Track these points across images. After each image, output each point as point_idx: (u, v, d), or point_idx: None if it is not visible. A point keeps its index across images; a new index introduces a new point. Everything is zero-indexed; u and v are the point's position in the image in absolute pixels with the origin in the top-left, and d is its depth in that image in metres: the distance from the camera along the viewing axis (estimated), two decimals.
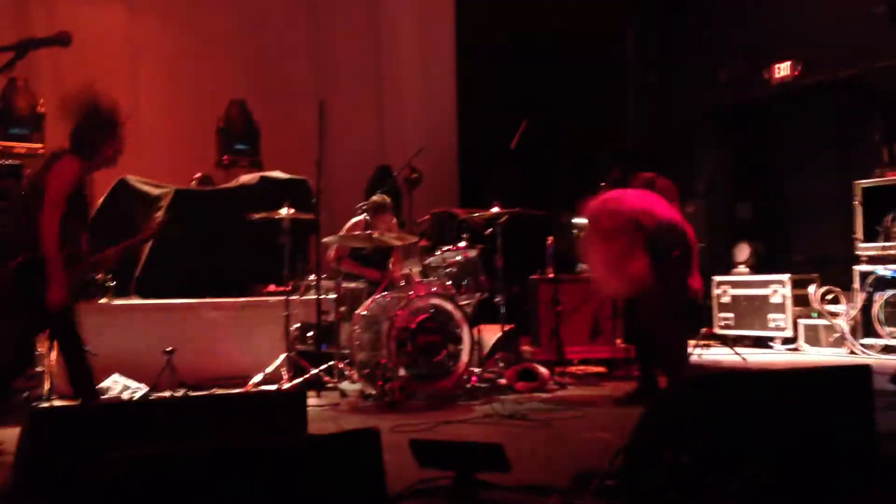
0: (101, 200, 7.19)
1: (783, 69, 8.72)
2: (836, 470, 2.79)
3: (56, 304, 3.92)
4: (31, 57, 3.11)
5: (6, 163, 5.54)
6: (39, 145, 7.25)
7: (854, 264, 7.53)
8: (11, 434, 3.81)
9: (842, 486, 2.77)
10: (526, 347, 6.96)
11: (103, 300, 6.09)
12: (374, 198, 6.55)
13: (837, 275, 7.87)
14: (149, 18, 9.00)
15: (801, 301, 8.04)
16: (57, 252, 3.92)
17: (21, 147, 7.12)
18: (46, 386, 5.45)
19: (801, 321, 7.99)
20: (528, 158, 7.16)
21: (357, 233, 6.14)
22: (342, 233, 6.34)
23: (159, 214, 6.96)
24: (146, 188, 7.27)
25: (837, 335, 7.60)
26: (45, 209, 3.90)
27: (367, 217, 6.42)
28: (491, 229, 6.31)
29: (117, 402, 4.86)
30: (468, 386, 5.59)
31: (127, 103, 8.57)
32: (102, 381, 5.42)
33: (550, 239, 7.09)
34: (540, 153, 8.32)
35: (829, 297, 7.80)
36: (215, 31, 9.26)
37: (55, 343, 5.11)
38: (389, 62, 10.40)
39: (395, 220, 6.65)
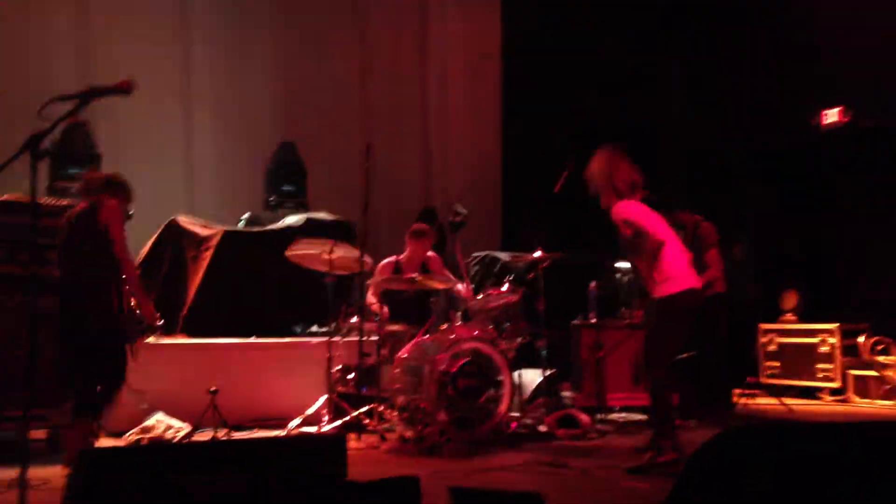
0: (151, 240, 7.37)
1: (832, 115, 8.66)
2: None
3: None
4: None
5: (58, 203, 5.68)
6: None
7: None
8: (58, 472, 3.90)
9: None
10: (567, 393, 6.91)
11: (150, 339, 6.20)
12: (414, 226, 6.77)
13: (888, 325, 7.70)
14: (202, 62, 9.25)
15: (850, 351, 7.88)
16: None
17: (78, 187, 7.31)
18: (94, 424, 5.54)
19: (850, 372, 7.82)
20: (572, 203, 7.18)
21: (399, 276, 6.19)
22: (375, 276, 6.41)
23: (208, 254, 7.12)
24: (195, 229, 7.43)
25: (888, 387, 7.43)
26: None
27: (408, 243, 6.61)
28: (533, 273, 6.32)
29: (164, 444, 4.94)
30: (508, 431, 5.57)
31: (180, 144, 8.95)
32: (146, 419, 5.52)
33: (593, 284, 7.08)
34: (583, 198, 8.34)
35: (880, 347, 7.63)
36: (266, 76, 9.50)
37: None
38: (436, 106, 10.54)
39: (431, 253, 6.73)
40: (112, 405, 4.82)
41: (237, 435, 5.57)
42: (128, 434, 5.44)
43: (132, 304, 4.77)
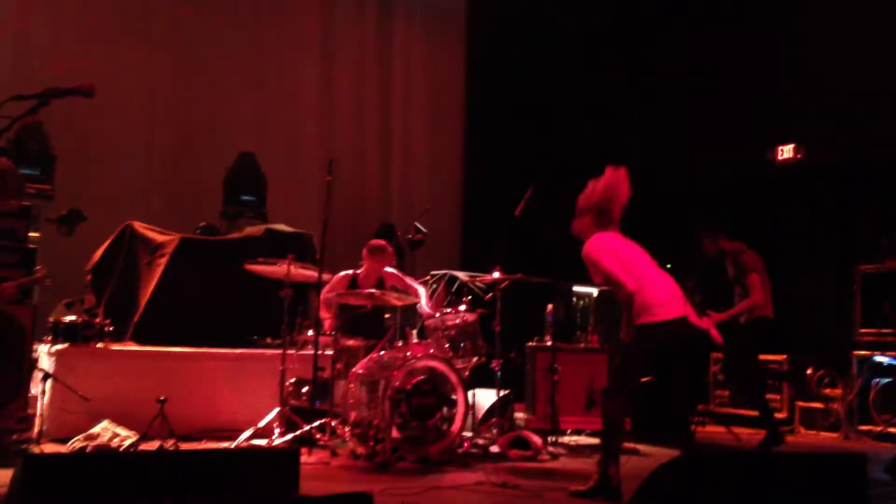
0: (106, 244, 7.24)
1: (786, 151, 8.84)
2: None
3: None
4: None
5: (17, 203, 5.57)
6: (49, 187, 7.31)
7: (852, 349, 7.53)
8: (2, 476, 3.79)
9: None
10: (520, 414, 6.92)
11: (99, 344, 6.09)
12: (372, 241, 6.71)
13: (835, 358, 7.85)
14: (165, 67, 9.16)
15: (798, 382, 8.01)
16: None
17: (31, 188, 7.17)
18: (37, 429, 5.41)
19: (797, 403, 7.96)
20: (532, 225, 7.24)
21: (357, 291, 6.16)
22: (327, 288, 6.35)
23: (163, 261, 7.01)
24: (151, 234, 7.31)
25: (833, 419, 7.57)
26: None
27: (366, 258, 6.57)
28: (491, 294, 6.34)
29: (110, 453, 4.83)
30: (460, 451, 5.55)
31: (139, 150, 8.83)
32: (93, 426, 5.39)
33: (550, 306, 7.11)
34: (543, 221, 8.42)
35: (826, 380, 7.78)
36: (229, 84, 9.43)
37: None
38: (398, 123, 10.57)
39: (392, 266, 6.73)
40: None
41: (185, 446, 5.47)
42: (72, 441, 5.30)
43: None
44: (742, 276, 6.72)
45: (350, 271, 6.67)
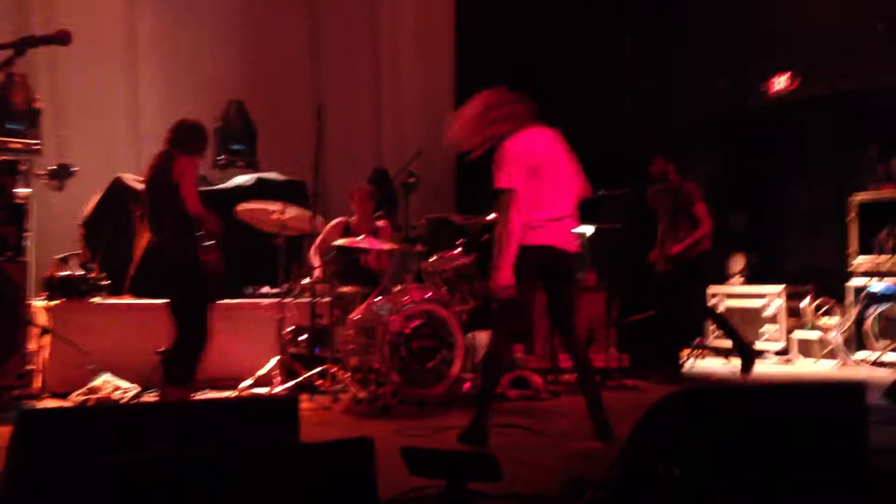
0: (97, 198, 7.18)
1: (780, 82, 8.74)
2: (828, 485, 2.79)
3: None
4: (30, 52, 3.09)
5: (2, 159, 5.50)
6: (35, 141, 7.21)
7: (848, 278, 7.55)
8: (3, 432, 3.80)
9: (832, 502, 2.77)
10: (519, 355, 6.94)
11: (96, 299, 6.07)
12: (355, 186, 6.73)
13: (832, 288, 7.88)
14: (148, 15, 8.97)
15: (794, 313, 8.06)
16: None
17: (17, 143, 7.06)
18: (37, 384, 5.43)
19: (795, 333, 8.01)
20: None
21: (349, 239, 6.13)
22: (322, 235, 6.37)
23: None
24: (142, 186, 7.23)
25: (830, 348, 7.62)
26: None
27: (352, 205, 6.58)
28: (487, 235, 6.30)
29: (109, 405, 4.85)
30: (461, 393, 5.59)
31: (125, 100, 8.69)
32: (93, 380, 5.41)
33: None
34: None
35: (823, 309, 7.82)
36: (215, 31, 9.24)
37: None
38: (388, 66, 10.40)
39: (378, 214, 6.72)
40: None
41: None
42: (74, 395, 5.33)
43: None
44: (689, 205, 6.69)
45: (343, 218, 6.65)
